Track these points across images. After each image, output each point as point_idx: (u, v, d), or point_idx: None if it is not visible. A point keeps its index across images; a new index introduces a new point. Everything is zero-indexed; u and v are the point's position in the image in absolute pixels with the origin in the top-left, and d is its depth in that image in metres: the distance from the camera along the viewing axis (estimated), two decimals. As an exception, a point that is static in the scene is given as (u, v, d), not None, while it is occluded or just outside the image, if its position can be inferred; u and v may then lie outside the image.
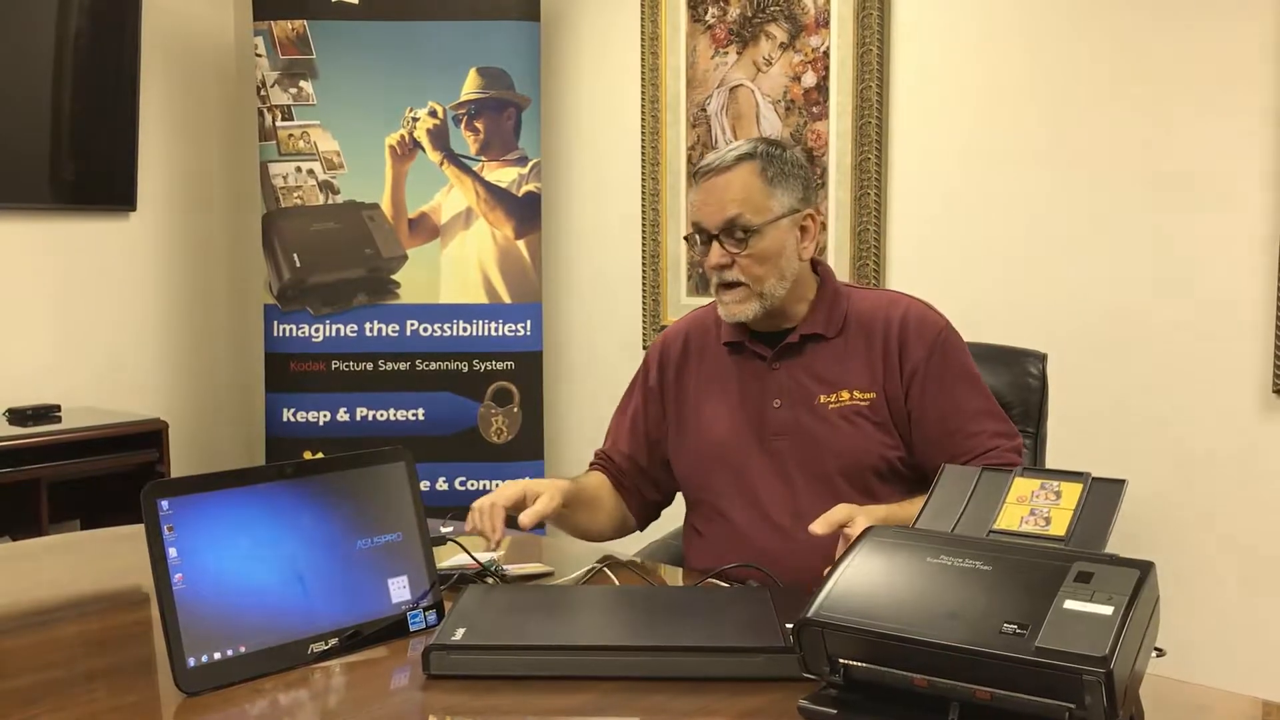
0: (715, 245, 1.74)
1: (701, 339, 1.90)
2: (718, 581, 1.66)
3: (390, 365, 3.50)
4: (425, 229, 3.51)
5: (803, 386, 1.78)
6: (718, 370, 1.86)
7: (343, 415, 3.49)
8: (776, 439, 1.78)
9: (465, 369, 3.49)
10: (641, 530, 1.98)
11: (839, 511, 1.50)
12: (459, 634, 1.32)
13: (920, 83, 2.90)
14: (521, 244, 3.50)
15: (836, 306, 1.81)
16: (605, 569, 1.73)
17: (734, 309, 1.76)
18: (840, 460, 1.75)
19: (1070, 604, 1.08)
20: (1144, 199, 2.58)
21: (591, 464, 1.97)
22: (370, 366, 3.50)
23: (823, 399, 1.77)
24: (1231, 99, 2.45)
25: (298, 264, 3.50)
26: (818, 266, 1.85)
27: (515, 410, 3.49)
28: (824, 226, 1.87)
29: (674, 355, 1.91)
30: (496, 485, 3.40)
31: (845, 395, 1.76)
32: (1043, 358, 2.04)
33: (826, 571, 1.21)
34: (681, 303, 3.38)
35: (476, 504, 1.72)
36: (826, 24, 3.02)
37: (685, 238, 1.82)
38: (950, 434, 1.74)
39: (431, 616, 1.47)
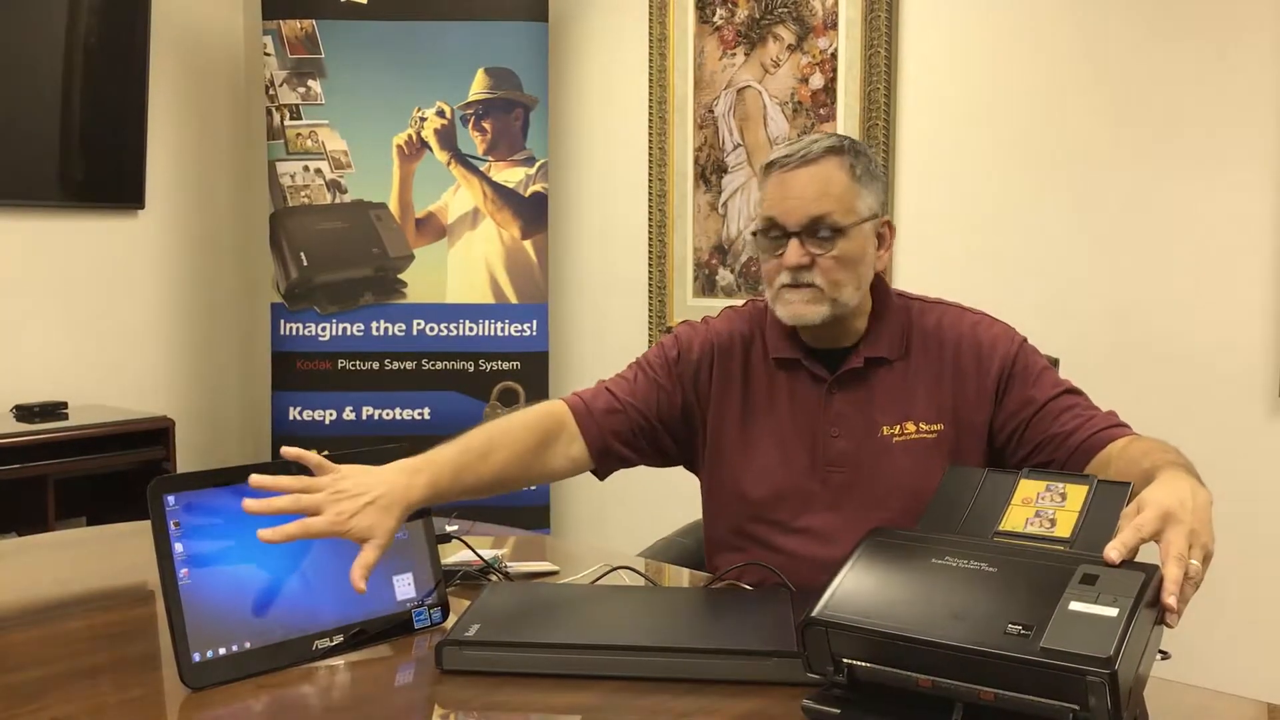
0: (795, 243, 1.58)
1: (745, 351, 1.72)
2: (735, 583, 1.63)
3: (396, 364, 3.50)
4: (432, 229, 3.52)
5: (864, 415, 1.64)
6: (765, 389, 1.70)
7: (349, 414, 3.50)
8: (833, 471, 1.65)
9: (471, 369, 3.49)
10: (601, 480, 1.76)
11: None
12: (473, 630, 1.32)
13: (928, 85, 2.90)
14: (528, 244, 3.50)
15: (898, 324, 1.67)
16: (612, 567, 1.73)
17: (801, 309, 1.59)
18: (904, 497, 1.60)
19: (1075, 605, 1.07)
20: (1152, 203, 2.58)
21: (567, 398, 1.72)
22: (376, 366, 3.50)
23: (886, 430, 1.64)
24: (1239, 108, 2.45)
25: (305, 263, 3.50)
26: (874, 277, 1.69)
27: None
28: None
29: (713, 360, 1.73)
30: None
31: (910, 427, 1.64)
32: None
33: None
34: (688, 304, 3.38)
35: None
36: (835, 26, 3.02)
37: (754, 233, 1.63)
38: (1057, 413, 1.60)
39: (436, 614, 1.47)
